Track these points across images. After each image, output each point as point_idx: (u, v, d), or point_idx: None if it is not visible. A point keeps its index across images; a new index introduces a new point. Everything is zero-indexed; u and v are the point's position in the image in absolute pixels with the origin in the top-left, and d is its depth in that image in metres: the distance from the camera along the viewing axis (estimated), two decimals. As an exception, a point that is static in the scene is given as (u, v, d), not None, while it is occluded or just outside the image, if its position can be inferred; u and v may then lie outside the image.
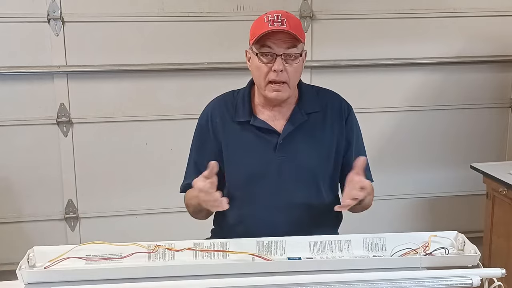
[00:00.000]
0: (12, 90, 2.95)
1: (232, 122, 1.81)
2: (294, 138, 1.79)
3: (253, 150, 1.79)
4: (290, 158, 1.78)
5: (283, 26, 1.67)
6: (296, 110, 1.81)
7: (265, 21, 1.69)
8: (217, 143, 1.82)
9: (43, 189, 3.06)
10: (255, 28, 1.72)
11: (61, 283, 1.42)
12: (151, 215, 3.14)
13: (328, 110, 1.83)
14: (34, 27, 2.89)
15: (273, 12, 1.72)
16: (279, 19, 1.68)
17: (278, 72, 1.69)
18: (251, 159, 1.79)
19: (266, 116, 1.80)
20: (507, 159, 3.34)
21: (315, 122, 1.81)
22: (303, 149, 1.79)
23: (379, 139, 3.24)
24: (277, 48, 1.69)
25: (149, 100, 3.06)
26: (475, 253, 1.52)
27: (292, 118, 1.80)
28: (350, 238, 1.61)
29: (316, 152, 1.80)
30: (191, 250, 1.55)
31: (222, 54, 3.04)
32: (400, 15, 3.15)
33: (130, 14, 2.95)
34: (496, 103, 3.34)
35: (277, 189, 1.78)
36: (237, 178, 1.81)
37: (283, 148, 1.78)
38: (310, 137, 1.80)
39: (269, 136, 1.79)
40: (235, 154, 1.81)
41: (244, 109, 1.81)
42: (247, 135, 1.80)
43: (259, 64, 1.71)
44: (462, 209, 3.38)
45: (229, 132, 1.81)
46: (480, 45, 3.24)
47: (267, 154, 1.78)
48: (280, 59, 1.69)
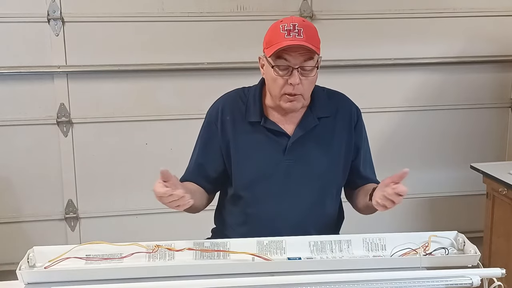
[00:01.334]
0: (12, 90, 2.95)
1: (242, 121, 1.79)
2: (304, 142, 1.77)
3: (262, 151, 1.78)
4: (299, 162, 1.77)
5: (299, 38, 1.62)
6: (308, 113, 1.79)
7: (281, 31, 1.64)
8: (224, 142, 1.80)
9: (43, 189, 3.06)
10: (271, 37, 1.68)
11: (61, 283, 1.42)
12: (151, 215, 3.14)
13: (339, 115, 1.82)
14: (34, 27, 2.90)
15: (289, 20, 1.66)
16: (295, 29, 1.63)
17: (294, 85, 1.66)
18: (260, 160, 1.78)
19: (277, 119, 1.78)
20: (507, 159, 3.34)
21: (326, 127, 1.80)
22: (312, 154, 1.78)
23: (379, 139, 3.24)
24: (294, 61, 1.65)
25: (149, 100, 3.06)
26: (475, 253, 1.52)
27: (303, 122, 1.78)
28: (350, 238, 1.61)
29: (325, 157, 1.79)
30: (191, 250, 1.55)
31: (222, 54, 3.04)
32: (400, 15, 3.15)
33: (130, 14, 2.95)
34: (496, 103, 3.35)
35: (283, 192, 1.77)
36: (244, 178, 1.80)
37: (292, 151, 1.77)
38: (320, 142, 1.79)
39: (279, 138, 1.77)
40: (244, 154, 1.79)
41: (255, 109, 1.78)
42: (257, 136, 1.78)
43: (275, 76, 1.68)
44: (462, 209, 3.38)
45: (239, 131, 1.79)
46: (480, 45, 3.24)
47: (276, 156, 1.77)
48: (297, 72, 1.65)
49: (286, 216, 1.77)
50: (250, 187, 1.79)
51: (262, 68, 1.77)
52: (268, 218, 1.77)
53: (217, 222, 1.95)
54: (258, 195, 1.79)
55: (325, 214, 1.83)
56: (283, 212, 1.77)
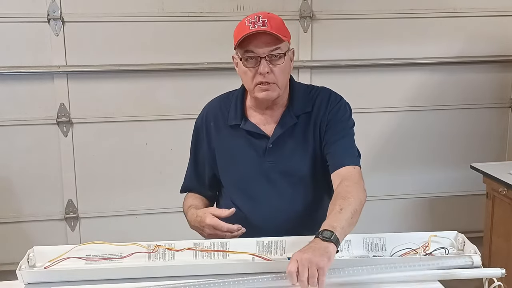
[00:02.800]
0: (12, 90, 2.95)
1: (224, 126, 1.80)
2: (284, 142, 1.75)
3: (243, 154, 1.77)
4: (279, 163, 1.75)
5: (264, 27, 1.64)
6: (286, 113, 1.77)
7: (246, 24, 1.67)
8: (209, 147, 1.82)
9: (43, 189, 3.06)
10: (237, 32, 1.70)
11: (61, 283, 1.43)
12: (151, 215, 3.15)
13: (316, 108, 1.77)
14: (34, 27, 2.90)
15: (253, 14, 1.69)
16: (259, 21, 1.65)
17: (264, 74, 1.66)
18: (241, 164, 1.77)
19: (257, 120, 1.78)
20: (507, 159, 3.34)
21: (305, 123, 1.77)
22: (292, 153, 1.75)
23: (379, 139, 3.24)
24: (260, 51, 1.66)
25: (149, 100, 3.06)
26: (475, 253, 1.52)
27: (281, 121, 1.76)
28: (350, 238, 1.60)
29: (305, 155, 1.76)
30: (191, 250, 1.55)
31: (222, 54, 3.03)
32: (400, 15, 3.15)
33: (130, 14, 2.95)
34: (496, 103, 3.35)
35: (267, 195, 1.76)
36: (230, 182, 1.81)
37: (272, 152, 1.75)
38: (300, 140, 1.76)
39: (259, 140, 1.76)
40: (227, 158, 1.80)
41: (236, 112, 1.78)
42: (238, 140, 1.78)
43: (245, 69, 1.69)
44: (462, 209, 3.38)
45: (222, 136, 1.80)
46: (480, 45, 3.24)
47: (257, 159, 1.76)
48: (265, 61, 1.66)
49: (273, 219, 1.74)
50: (235, 191, 1.79)
51: (236, 66, 1.78)
52: (257, 222, 1.75)
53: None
54: (244, 199, 1.78)
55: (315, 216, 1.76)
56: (270, 215, 1.75)
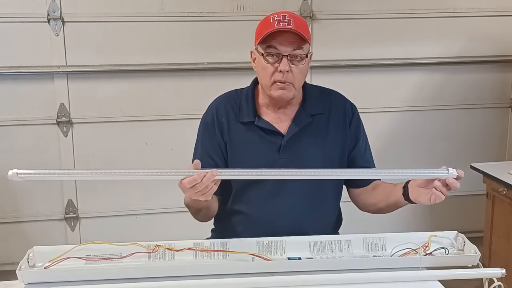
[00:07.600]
0: (12, 90, 2.95)
1: (236, 122, 1.80)
2: (298, 140, 1.78)
3: (257, 151, 1.78)
4: (294, 160, 1.76)
5: (289, 26, 1.65)
6: (301, 111, 1.80)
7: (271, 21, 1.67)
8: (222, 143, 1.81)
9: (43, 189, 3.06)
10: (261, 28, 1.71)
11: (61, 283, 1.43)
12: (151, 215, 3.14)
13: (332, 112, 1.82)
14: (34, 27, 2.89)
15: (279, 12, 1.70)
16: (285, 19, 1.67)
17: (284, 73, 1.68)
18: (255, 160, 1.77)
19: (270, 118, 1.79)
20: (507, 159, 3.34)
21: (320, 124, 1.80)
22: (307, 151, 1.78)
23: (379, 139, 3.24)
24: (283, 49, 1.67)
25: (149, 100, 3.06)
26: (475, 253, 1.52)
27: (296, 119, 1.79)
28: (350, 238, 1.61)
29: (320, 154, 1.78)
30: (191, 250, 1.55)
31: (222, 54, 3.04)
32: (400, 15, 3.15)
33: (130, 14, 2.95)
34: (496, 103, 3.35)
35: (279, 191, 1.77)
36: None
37: (287, 150, 1.77)
38: (314, 139, 1.79)
39: (273, 137, 1.78)
40: (239, 154, 1.79)
41: (248, 109, 1.79)
42: (251, 136, 1.78)
43: (265, 65, 1.70)
44: (462, 209, 3.37)
45: (234, 131, 1.80)
46: (480, 45, 3.24)
47: (271, 156, 1.77)
48: (286, 59, 1.67)
49: (283, 215, 1.77)
50: (246, 187, 1.79)
51: (253, 62, 1.78)
52: (266, 218, 1.77)
53: (216, 222, 1.95)
54: (255, 195, 1.79)
55: (323, 214, 1.82)
56: (280, 211, 1.77)
